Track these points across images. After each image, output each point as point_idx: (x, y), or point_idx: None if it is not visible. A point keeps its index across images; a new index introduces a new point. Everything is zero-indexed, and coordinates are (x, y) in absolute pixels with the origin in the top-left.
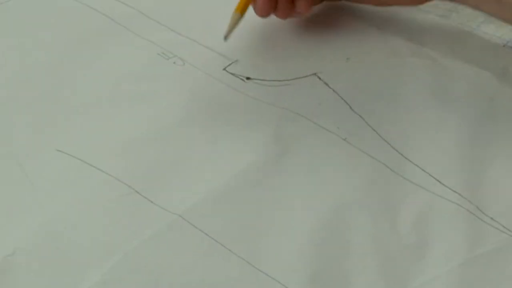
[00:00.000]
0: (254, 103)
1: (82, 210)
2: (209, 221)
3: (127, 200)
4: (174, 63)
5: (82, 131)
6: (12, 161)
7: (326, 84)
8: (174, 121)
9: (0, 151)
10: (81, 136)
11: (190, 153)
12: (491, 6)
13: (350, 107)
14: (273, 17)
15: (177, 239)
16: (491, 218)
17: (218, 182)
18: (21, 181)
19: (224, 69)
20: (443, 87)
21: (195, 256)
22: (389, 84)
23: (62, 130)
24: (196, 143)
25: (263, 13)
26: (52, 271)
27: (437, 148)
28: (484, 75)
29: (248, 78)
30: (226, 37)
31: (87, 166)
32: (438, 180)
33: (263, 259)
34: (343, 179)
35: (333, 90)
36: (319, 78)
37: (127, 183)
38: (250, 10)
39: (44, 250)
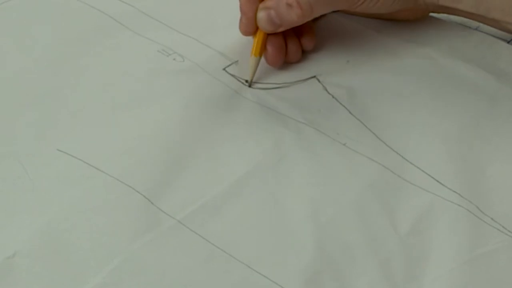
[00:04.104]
0: (254, 106)
1: (83, 212)
2: (209, 226)
3: (128, 202)
4: (174, 59)
5: (83, 131)
6: (14, 161)
7: (326, 89)
8: (175, 122)
9: (1, 151)
10: (82, 136)
11: (190, 156)
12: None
13: (350, 112)
14: None
15: (178, 243)
16: (492, 219)
17: (217, 187)
18: (23, 182)
19: (224, 69)
20: (442, 88)
21: (196, 259)
22: (389, 86)
23: (63, 130)
24: (197, 146)
25: (275, 64)
26: (52, 273)
27: (437, 149)
28: (484, 76)
29: (247, 81)
30: (250, 84)
31: (88, 166)
32: (438, 181)
33: (263, 264)
34: (343, 182)
35: (332, 96)
36: (319, 81)
37: (128, 184)
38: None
39: (44, 251)
